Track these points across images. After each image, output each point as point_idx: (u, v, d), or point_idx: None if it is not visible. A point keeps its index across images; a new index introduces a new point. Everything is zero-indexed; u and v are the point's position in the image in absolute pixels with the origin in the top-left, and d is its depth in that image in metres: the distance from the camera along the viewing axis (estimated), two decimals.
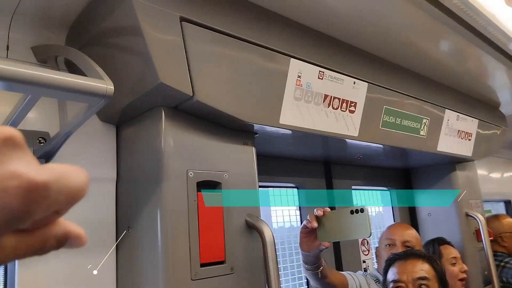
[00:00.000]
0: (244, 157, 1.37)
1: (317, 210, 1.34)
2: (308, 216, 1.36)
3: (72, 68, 1.24)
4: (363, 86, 1.63)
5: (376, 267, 2.03)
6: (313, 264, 1.50)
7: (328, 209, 1.33)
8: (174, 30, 1.09)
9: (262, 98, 1.31)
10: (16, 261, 1.12)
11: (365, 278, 1.88)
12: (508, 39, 1.66)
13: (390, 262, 1.62)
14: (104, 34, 1.19)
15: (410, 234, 1.93)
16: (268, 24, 1.33)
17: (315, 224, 1.32)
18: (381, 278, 1.90)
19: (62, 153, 1.20)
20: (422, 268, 1.53)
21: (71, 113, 1.19)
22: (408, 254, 1.62)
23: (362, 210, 1.24)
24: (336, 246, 2.24)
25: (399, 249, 1.85)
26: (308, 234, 1.38)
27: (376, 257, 2.03)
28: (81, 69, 0.99)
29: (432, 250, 2.12)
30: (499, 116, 2.76)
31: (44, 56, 1.25)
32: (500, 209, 4.11)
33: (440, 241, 2.19)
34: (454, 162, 2.57)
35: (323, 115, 1.49)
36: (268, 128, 1.39)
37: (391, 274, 1.57)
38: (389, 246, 1.90)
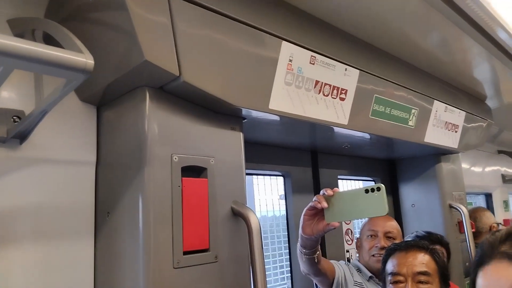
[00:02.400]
0: (231, 143, 1.32)
1: (326, 190, 1.28)
2: (315, 197, 1.30)
3: (51, 43, 1.15)
4: (354, 74, 1.60)
5: (357, 257, 2.04)
6: (312, 248, 1.46)
7: (337, 189, 1.28)
8: (161, 5, 1.02)
9: (252, 81, 1.26)
10: None
11: (348, 268, 1.89)
12: (496, 23, 1.62)
13: (390, 253, 1.54)
14: (86, 8, 1.11)
15: (392, 225, 1.95)
16: (260, 4, 1.27)
17: (325, 204, 1.26)
18: (362, 267, 1.90)
19: (39, 133, 1.13)
20: (423, 262, 1.44)
21: (47, 90, 1.12)
22: (409, 245, 1.52)
23: (379, 189, 1.18)
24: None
25: (381, 240, 1.87)
26: (313, 216, 1.33)
27: (357, 247, 2.04)
28: (60, 42, 0.92)
29: None
30: (485, 109, 2.77)
31: (20, 29, 1.17)
32: (480, 202, 4.18)
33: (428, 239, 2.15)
34: (439, 154, 2.58)
35: (313, 101, 1.45)
36: (257, 113, 1.34)
37: (390, 266, 1.48)
38: (371, 237, 1.92)
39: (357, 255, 2.04)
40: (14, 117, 1.11)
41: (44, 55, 0.71)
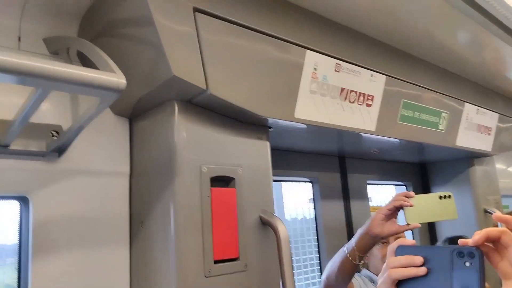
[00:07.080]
0: (258, 152, 1.34)
1: (407, 193, 1.36)
2: (395, 197, 1.36)
3: (84, 59, 1.22)
4: (380, 79, 1.58)
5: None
6: (366, 251, 1.45)
7: (414, 193, 1.37)
8: (187, 21, 1.06)
9: (277, 92, 1.27)
10: (30, 256, 1.11)
11: (361, 279, 1.85)
12: None
13: None
14: (116, 25, 1.16)
15: None
16: (283, 14, 1.29)
17: (412, 203, 1.33)
18: (374, 277, 1.85)
19: (75, 147, 1.18)
20: None
21: (83, 106, 1.17)
22: None
23: (449, 196, 1.33)
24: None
25: None
26: (388, 216, 1.36)
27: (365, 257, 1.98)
28: (94, 62, 0.96)
29: None
30: None
31: (56, 47, 1.23)
32: None
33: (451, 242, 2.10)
34: (472, 157, 2.51)
35: (339, 109, 1.45)
36: (283, 123, 1.35)
37: None
38: (383, 244, 1.87)
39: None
40: (52, 132, 1.17)
41: (79, 77, 0.75)
